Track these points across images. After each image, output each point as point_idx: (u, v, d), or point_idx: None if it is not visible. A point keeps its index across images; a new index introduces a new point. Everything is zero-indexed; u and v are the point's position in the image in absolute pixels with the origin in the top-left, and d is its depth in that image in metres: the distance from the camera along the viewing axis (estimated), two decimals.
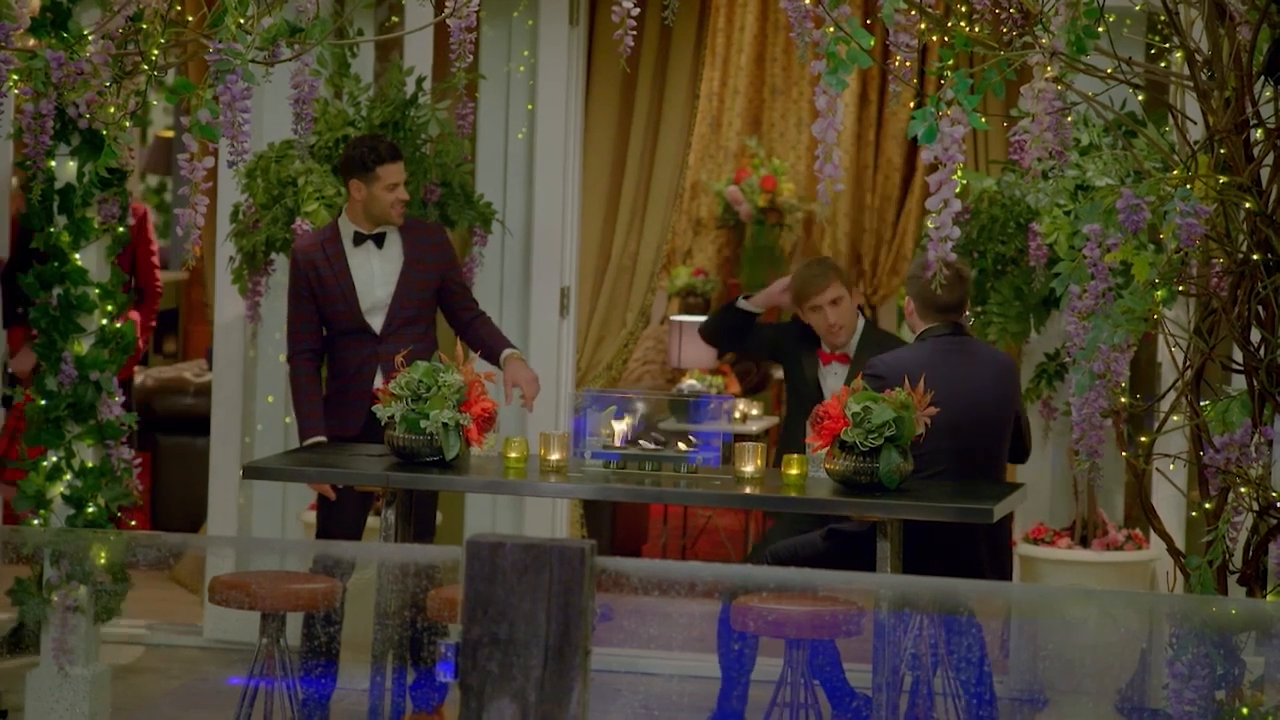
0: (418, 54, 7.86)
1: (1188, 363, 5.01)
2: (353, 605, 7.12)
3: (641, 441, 6.30)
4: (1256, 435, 4.81)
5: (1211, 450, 4.83)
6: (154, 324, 8.54)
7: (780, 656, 6.25)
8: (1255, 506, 4.85)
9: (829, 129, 4.54)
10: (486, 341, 6.92)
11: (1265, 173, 4.82)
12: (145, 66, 5.86)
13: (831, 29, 4.52)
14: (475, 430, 6.16)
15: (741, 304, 7.76)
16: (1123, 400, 5.05)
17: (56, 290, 6.52)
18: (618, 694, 7.32)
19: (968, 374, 6.37)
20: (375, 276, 6.93)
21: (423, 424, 6.10)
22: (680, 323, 10.98)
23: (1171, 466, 5.85)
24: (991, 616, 6.77)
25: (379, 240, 6.95)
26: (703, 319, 11.29)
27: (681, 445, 6.28)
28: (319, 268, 6.92)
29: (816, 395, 7.35)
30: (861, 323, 7.47)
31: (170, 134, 13.22)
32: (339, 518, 6.89)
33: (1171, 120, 5.37)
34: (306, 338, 6.94)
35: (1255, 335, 4.86)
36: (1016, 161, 5.10)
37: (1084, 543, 7.43)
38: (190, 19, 6.16)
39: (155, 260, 8.69)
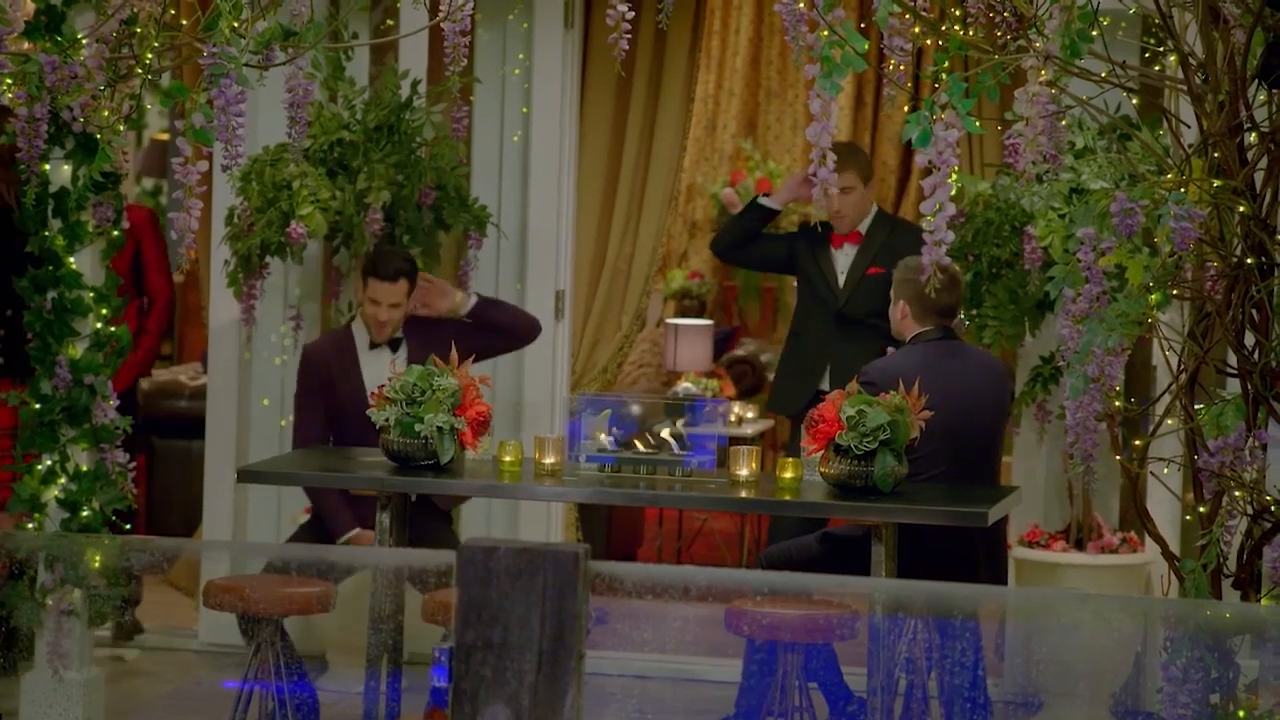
0: (412, 57, 7.86)
1: (1182, 366, 5.01)
2: (346, 609, 7.12)
3: (637, 444, 6.30)
4: (1251, 439, 4.81)
5: (1206, 454, 4.84)
6: (157, 333, 8.13)
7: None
8: (1250, 510, 4.85)
9: (823, 133, 4.54)
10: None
11: (1259, 176, 4.82)
12: (140, 70, 5.86)
13: (826, 32, 4.52)
14: (470, 434, 6.16)
15: (763, 200, 7.95)
16: (1117, 404, 5.05)
17: (51, 294, 6.51)
18: (612, 698, 7.31)
19: (961, 378, 6.38)
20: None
21: (417, 428, 6.09)
22: (675, 326, 10.98)
23: (1166, 470, 5.86)
24: (986, 620, 6.78)
25: (394, 345, 7.06)
26: (701, 322, 11.32)
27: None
28: (332, 371, 7.01)
29: (831, 294, 7.66)
30: (875, 209, 7.78)
31: (165, 137, 13.22)
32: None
33: (1166, 124, 5.37)
34: (314, 437, 7.05)
35: (1249, 339, 4.86)
36: (1011, 165, 5.09)
37: (1079, 546, 7.43)
38: (184, 23, 6.15)
39: (164, 267, 8.29)
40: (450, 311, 7.30)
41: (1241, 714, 4.71)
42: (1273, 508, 4.83)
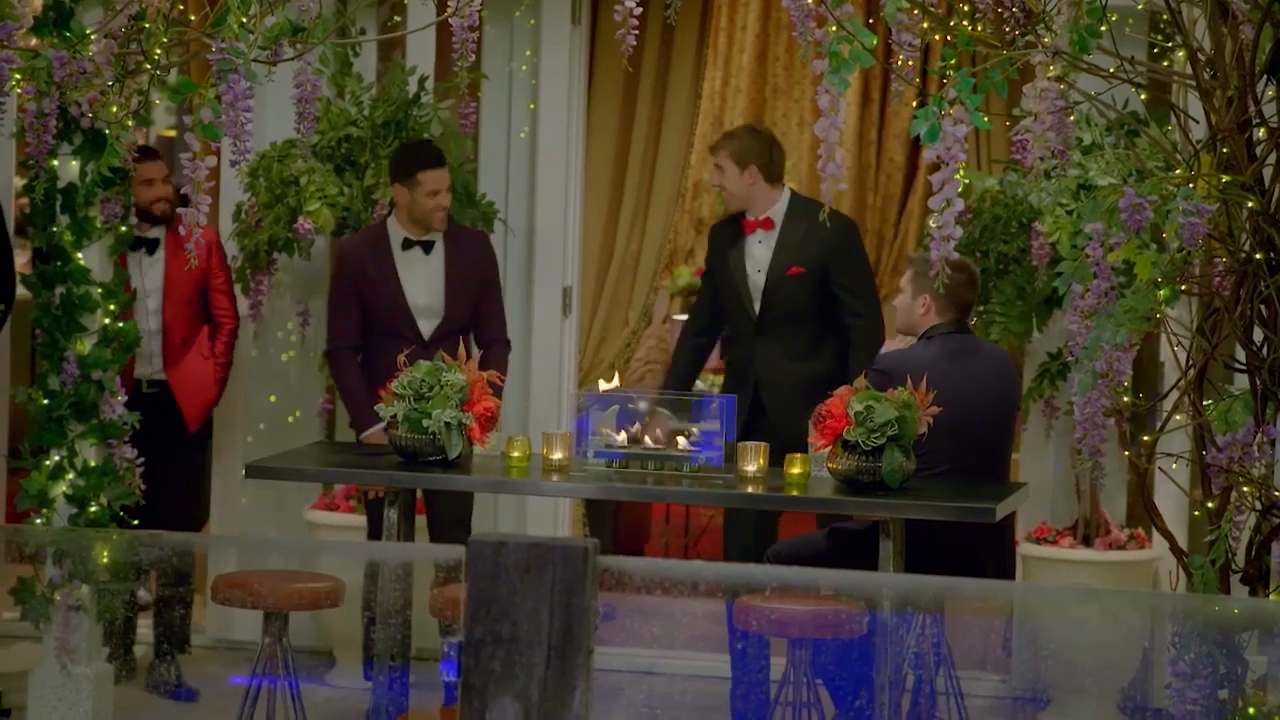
0: (420, 53, 7.86)
1: (1190, 362, 5.01)
2: (354, 604, 7.13)
3: (646, 439, 6.31)
4: (1259, 434, 4.80)
5: (1214, 449, 4.83)
6: (227, 361, 7.55)
7: (783, 655, 6.25)
8: (1258, 506, 4.85)
9: (831, 128, 4.54)
10: None
11: (1268, 172, 4.82)
12: (148, 66, 5.86)
13: (834, 28, 4.52)
14: (478, 429, 6.16)
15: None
16: (1125, 399, 5.05)
17: (59, 289, 6.52)
18: (620, 693, 7.32)
19: (974, 373, 6.37)
20: (421, 282, 7.03)
21: (425, 423, 6.10)
22: (682, 322, 10.97)
23: (1174, 466, 5.85)
24: (994, 615, 6.78)
25: (426, 247, 7.06)
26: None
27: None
28: (367, 270, 7.01)
29: (740, 284, 7.38)
30: (787, 193, 7.40)
31: (173, 133, 13.22)
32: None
33: (1174, 119, 5.36)
34: (349, 334, 7.08)
35: (1258, 334, 4.86)
36: (1019, 161, 5.09)
37: (1086, 542, 7.43)
38: (193, 18, 6.15)
39: (231, 290, 7.65)
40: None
41: (1251, 710, 4.70)
42: None
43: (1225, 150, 4.77)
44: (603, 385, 8.14)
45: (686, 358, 7.64)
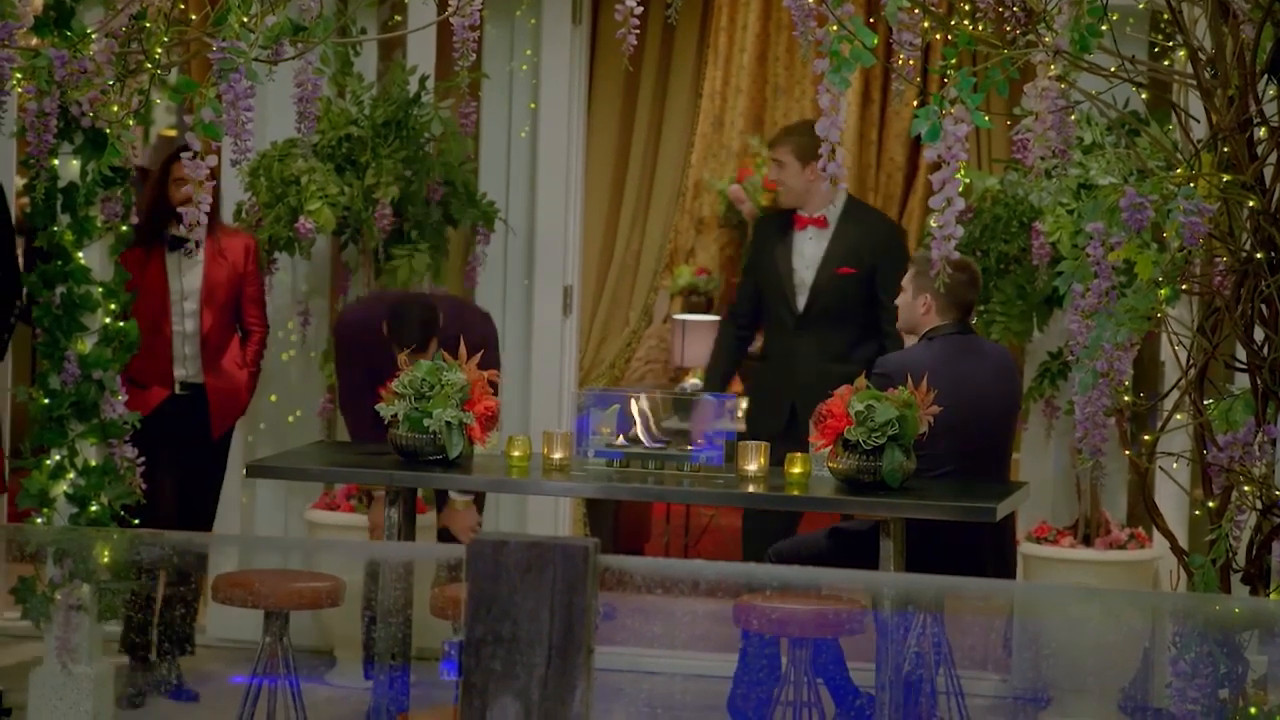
0: (421, 53, 7.86)
1: (1191, 361, 5.01)
2: (355, 603, 7.13)
3: (644, 439, 6.31)
4: (1260, 434, 4.80)
5: (1215, 449, 4.83)
6: (257, 370, 7.40)
7: (784, 655, 6.25)
8: (1259, 505, 4.85)
9: (832, 128, 4.54)
10: None
11: (1269, 171, 4.81)
12: (148, 65, 5.86)
13: (835, 27, 4.52)
14: (478, 428, 6.16)
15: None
16: (1126, 399, 5.05)
17: (60, 289, 6.52)
18: (621, 692, 7.32)
19: (974, 374, 6.37)
20: None
21: (426, 422, 6.10)
22: (683, 322, 10.97)
23: (1175, 465, 5.85)
24: (994, 615, 6.77)
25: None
26: (708, 318, 11.32)
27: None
28: (364, 344, 7.02)
29: (786, 279, 7.41)
30: (844, 193, 7.42)
31: (173, 133, 13.22)
32: None
33: (1175, 119, 5.37)
34: (360, 397, 6.91)
35: (1259, 334, 4.86)
36: (1019, 160, 5.09)
37: (1087, 541, 7.42)
38: (193, 17, 6.16)
39: (263, 299, 7.49)
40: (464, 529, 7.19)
41: (1253, 710, 4.70)
42: None
43: (1226, 149, 4.77)
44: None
45: (727, 350, 7.70)
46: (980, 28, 4.82)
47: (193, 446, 7.22)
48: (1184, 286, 5.09)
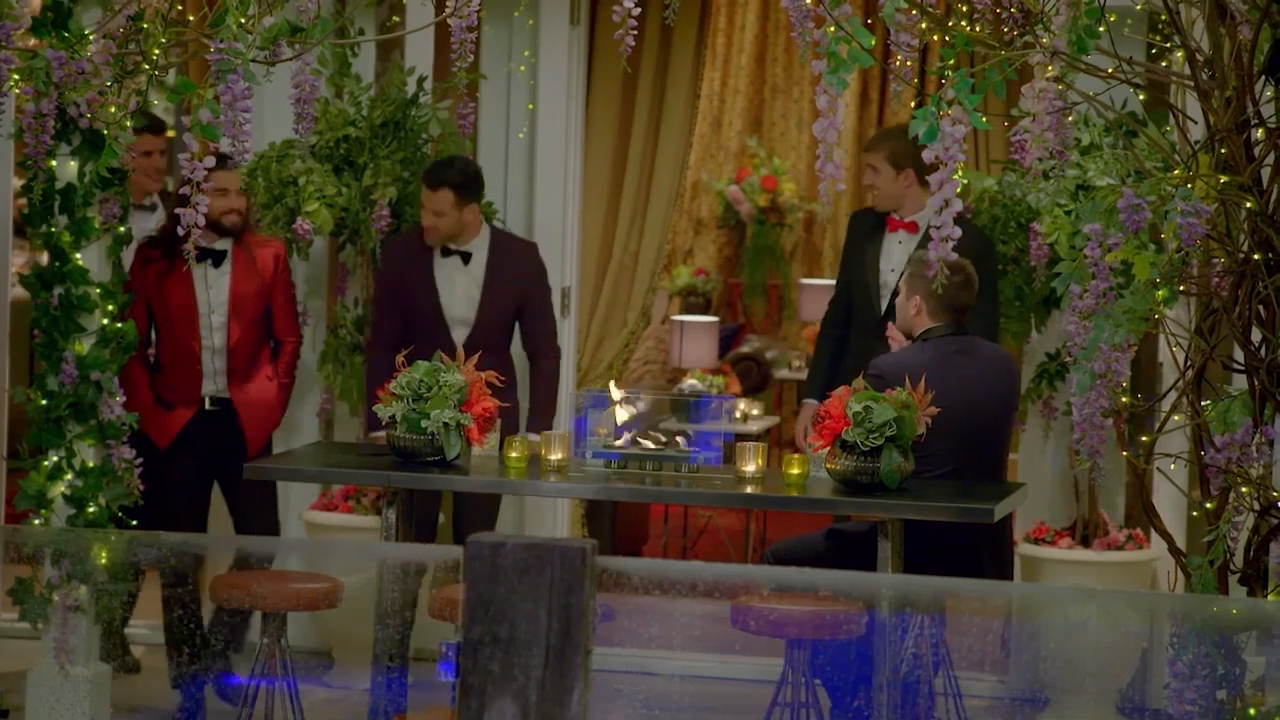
0: (419, 54, 7.86)
1: (1189, 362, 5.01)
2: (353, 604, 7.12)
3: (642, 440, 6.31)
4: (1257, 435, 4.80)
5: (1212, 450, 4.83)
6: (289, 381, 7.26)
7: (781, 656, 6.25)
8: (1256, 506, 4.85)
9: (830, 128, 4.54)
10: (532, 400, 7.31)
11: (1266, 172, 4.82)
12: (146, 66, 5.86)
13: (832, 28, 4.52)
14: (476, 430, 6.16)
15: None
16: (1124, 400, 5.05)
17: (57, 290, 6.52)
18: (619, 694, 7.31)
19: (972, 375, 6.37)
20: (458, 290, 7.25)
21: (424, 424, 6.10)
22: (681, 322, 10.98)
23: (1172, 466, 5.85)
24: (992, 616, 6.77)
25: (466, 257, 7.25)
26: (706, 319, 11.32)
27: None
28: (405, 273, 7.23)
29: (871, 280, 7.37)
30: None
31: (171, 133, 13.22)
32: None
33: (1172, 120, 5.37)
34: (388, 335, 7.25)
35: (1256, 335, 4.86)
36: (1017, 161, 5.10)
37: (1085, 542, 7.43)
38: (191, 18, 6.16)
39: (294, 308, 7.34)
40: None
41: (1251, 711, 4.70)
42: (1279, 503, 4.83)
43: (1223, 151, 4.77)
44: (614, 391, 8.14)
45: (826, 350, 7.64)
46: (978, 29, 4.82)
47: (234, 459, 6.99)
48: (1181, 288, 5.09)
